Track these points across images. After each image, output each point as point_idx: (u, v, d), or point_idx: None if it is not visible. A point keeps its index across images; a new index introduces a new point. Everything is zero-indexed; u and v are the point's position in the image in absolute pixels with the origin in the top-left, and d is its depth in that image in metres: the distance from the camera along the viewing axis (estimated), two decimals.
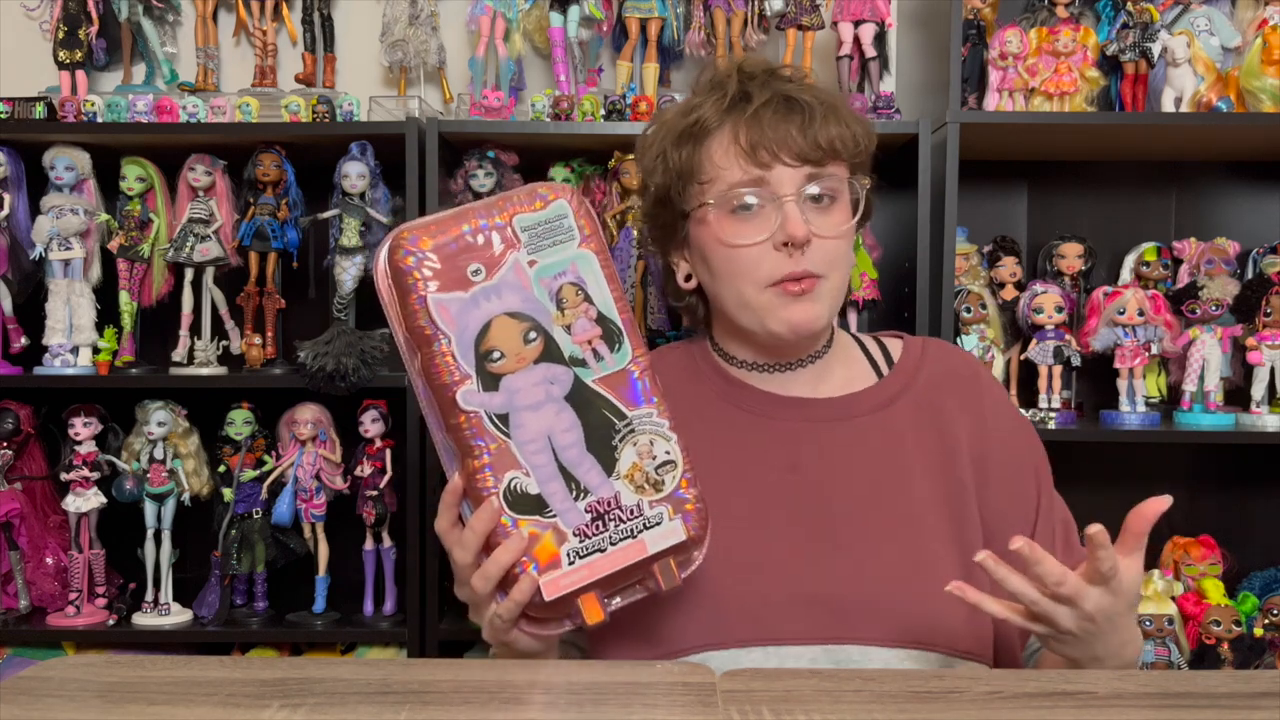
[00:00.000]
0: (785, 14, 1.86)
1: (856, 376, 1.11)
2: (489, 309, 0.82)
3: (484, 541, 0.83)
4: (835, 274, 1.03)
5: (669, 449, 0.86)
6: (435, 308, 0.81)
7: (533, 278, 0.83)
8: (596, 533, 0.83)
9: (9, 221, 1.87)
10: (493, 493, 0.82)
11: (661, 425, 0.86)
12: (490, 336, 0.82)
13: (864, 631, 0.96)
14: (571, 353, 0.84)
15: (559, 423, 0.83)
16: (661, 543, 0.85)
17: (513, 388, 0.83)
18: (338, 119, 1.81)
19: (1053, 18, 1.88)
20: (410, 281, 0.81)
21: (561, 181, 0.90)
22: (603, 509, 0.84)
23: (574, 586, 0.83)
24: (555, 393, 0.83)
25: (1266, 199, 2.08)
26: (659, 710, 0.67)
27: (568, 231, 0.85)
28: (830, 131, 1.01)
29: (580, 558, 0.83)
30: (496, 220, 0.83)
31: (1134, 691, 0.73)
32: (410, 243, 0.82)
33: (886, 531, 1.00)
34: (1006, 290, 1.94)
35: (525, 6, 1.94)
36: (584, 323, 0.84)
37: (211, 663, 0.78)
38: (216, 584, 1.89)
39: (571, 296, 0.84)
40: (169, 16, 2.05)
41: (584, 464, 0.84)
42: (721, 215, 1.02)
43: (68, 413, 1.85)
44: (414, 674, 0.76)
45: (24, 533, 1.90)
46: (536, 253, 0.84)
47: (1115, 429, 1.81)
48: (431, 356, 0.82)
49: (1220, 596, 1.85)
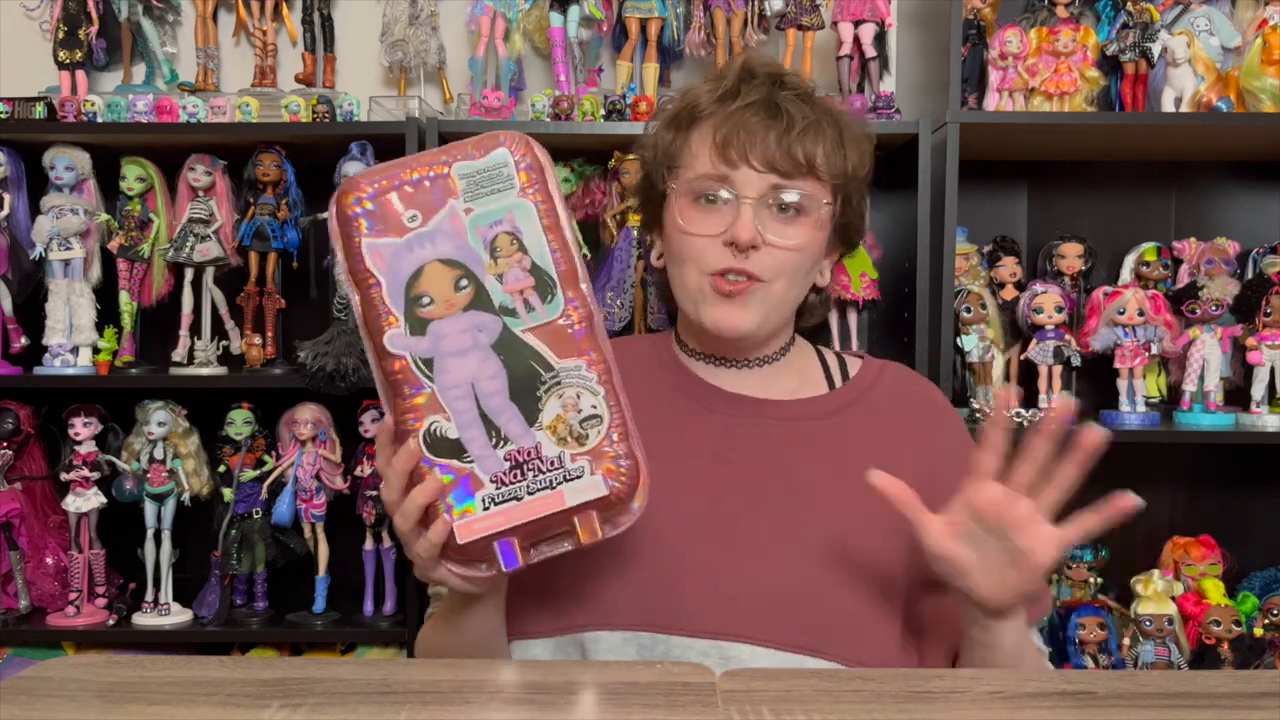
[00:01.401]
0: (785, 14, 1.86)
1: (808, 385, 1.11)
2: (422, 254, 0.84)
3: (407, 480, 0.84)
4: (779, 282, 1.02)
5: (595, 403, 0.85)
6: (369, 252, 0.83)
7: (468, 225, 0.84)
8: (514, 481, 0.84)
9: (9, 221, 1.87)
10: (414, 434, 0.84)
11: (589, 379, 0.85)
12: (421, 282, 0.84)
13: (756, 632, 0.96)
14: (502, 301, 0.84)
15: (483, 370, 0.84)
16: (580, 496, 0.85)
17: (439, 333, 0.84)
18: (338, 119, 1.81)
19: (1053, 18, 1.88)
20: (352, 228, 0.84)
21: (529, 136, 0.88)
22: (522, 458, 0.84)
23: (487, 531, 0.84)
24: (482, 340, 0.84)
25: (1266, 199, 2.08)
26: (659, 710, 0.67)
27: (507, 180, 0.85)
28: (809, 147, 1.01)
29: (496, 504, 0.84)
30: (438, 168, 0.85)
31: (1134, 691, 0.73)
32: (354, 189, 0.84)
33: (801, 536, 1.00)
34: (1006, 290, 1.94)
35: (525, 6, 1.94)
36: (517, 272, 0.84)
37: (211, 663, 0.78)
38: (216, 584, 1.89)
39: (506, 246, 0.85)
40: (169, 16, 2.05)
41: (506, 412, 0.84)
42: (685, 202, 1.03)
43: (68, 413, 1.86)
44: (414, 674, 0.76)
45: (24, 533, 1.90)
46: (473, 200, 0.84)
47: (1115, 429, 1.80)
48: (366, 300, 0.84)
49: (1220, 596, 1.85)
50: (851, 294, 1.82)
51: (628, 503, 0.87)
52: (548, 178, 0.86)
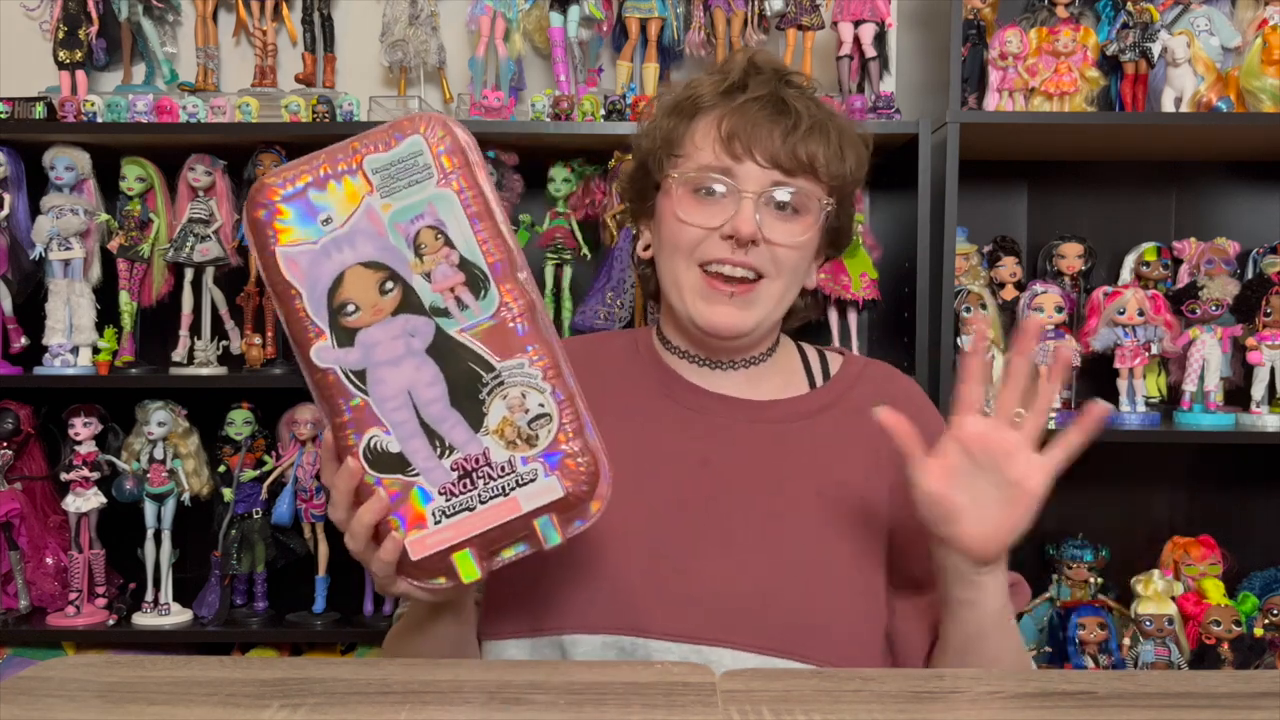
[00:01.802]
0: (785, 14, 1.86)
1: (790, 385, 1.10)
2: (341, 260, 0.78)
3: (351, 499, 0.81)
4: (777, 281, 1.01)
5: (543, 401, 0.79)
6: (284, 262, 0.77)
7: (387, 223, 0.78)
8: (464, 491, 0.79)
9: (9, 221, 1.87)
10: (353, 452, 0.79)
11: (534, 376, 0.79)
12: (343, 289, 0.78)
13: (737, 635, 0.95)
14: (432, 302, 0.78)
15: (420, 377, 0.78)
16: (536, 500, 0.80)
17: (369, 342, 0.78)
18: (338, 119, 1.81)
19: (1053, 18, 1.88)
20: (264, 236, 0.78)
21: (446, 115, 0.81)
22: (470, 466, 0.79)
23: (441, 546, 0.80)
24: (416, 345, 0.78)
25: (1266, 199, 2.08)
26: (659, 710, 0.67)
27: (424, 170, 0.78)
28: (812, 147, 1.00)
29: (447, 516, 0.79)
30: (350, 163, 0.79)
31: (1134, 691, 0.73)
32: (262, 193, 0.78)
33: (778, 538, 0.99)
34: (1006, 290, 1.94)
35: (525, 6, 1.94)
36: (445, 269, 0.78)
37: (211, 663, 0.78)
38: (216, 584, 1.89)
39: (430, 241, 0.78)
40: (169, 16, 2.05)
41: (448, 420, 0.79)
42: (685, 192, 1.02)
43: (68, 413, 1.86)
44: (414, 674, 0.76)
45: (24, 533, 1.90)
46: (390, 195, 0.78)
47: (1115, 429, 1.81)
48: (288, 313, 0.79)
49: (1220, 596, 1.85)
50: (851, 294, 1.82)
51: (587, 501, 0.82)
52: (471, 160, 0.79)
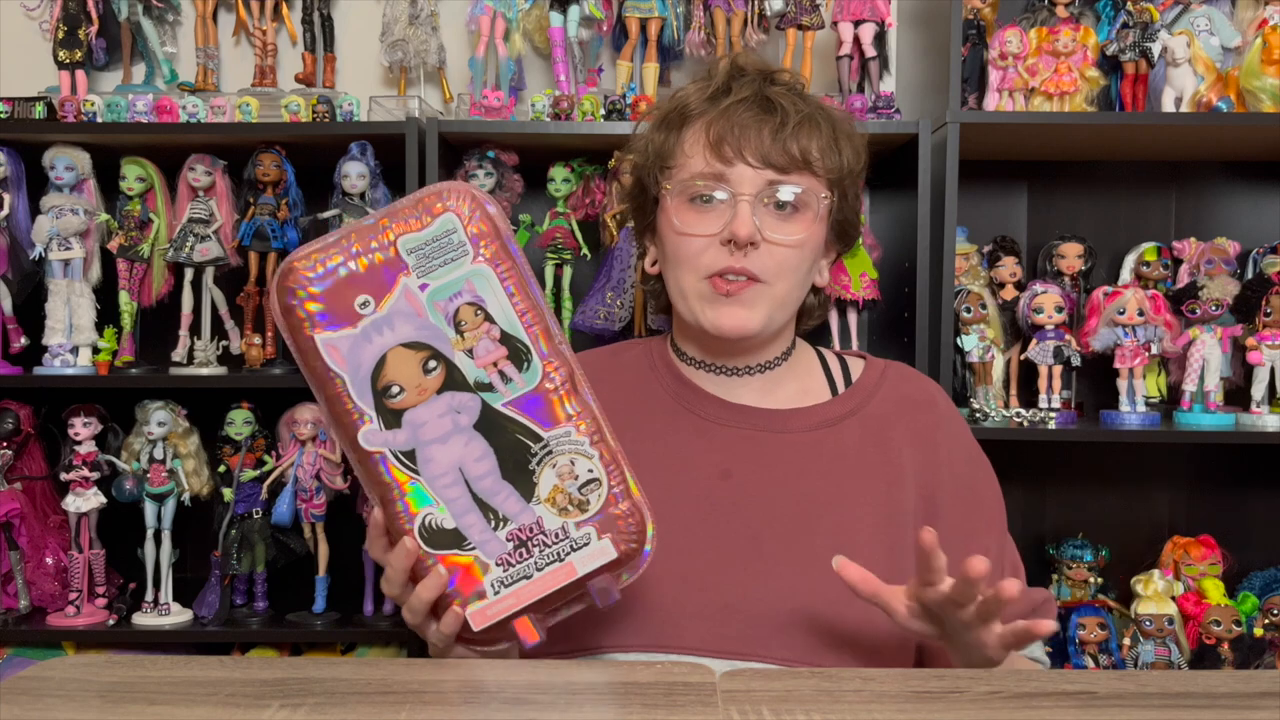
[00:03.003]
0: (785, 14, 1.86)
1: (810, 391, 1.09)
2: (382, 342, 0.78)
3: (407, 577, 0.82)
4: (781, 282, 1.01)
5: (591, 467, 0.82)
6: (325, 348, 0.78)
7: (426, 302, 0.79)
8: (520, 560, 0.81)
9: (9, 221, 1.87)
10: (408, 531, 0.80)
11: (582, 443, 0.81)
12: (386, 371, 0.78)
13: (772, 649, 0.95)
14: (476, 378, 0.80)
15: (469, 453, 0.80)
16: (591, 563, 0.82)
17: (416, 422, 0.79)
18: (338, 119, 1.81)
19: (1053, 18, 1.88)
20: (296, 321, 0.78)
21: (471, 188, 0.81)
22: (525, 535, 0.81)
23: (502, 615, 0.81)
24: (463, 422, 0.80)
25: (1266, 199, 2.08)
26: (659, 710, 0.67)
27: (459, 247, 0.79)
28: (804, 142, 0.99)
29: (506, 586, 0.81)
30: (380, 242, 0.78)
31: (1134, 691, 0.73)
32: (293, 278, 0.78)
33: (810, 549, 0.98)
34: (1006, 290, 1.94)
35: (525, 6, 1.94)
36: (486, 344, 0.80)
37: (211, 663, 0.78)
38: (216, 584, 1.89)
39: (470, 318, 0.79)
40: (169, 16, 2.05)
41: (500, 492, 0.81)
42: (680, 203, 1.01)
43: (68, 413, 1.86)
44: (414, 674, 0.76)
45: (24, 533, 1.90)
46: (427, 275, 0.79)
47: (1115, 429, 1.81)
48: (329, 398, 0.79)
49: (1220, 596, 1.85)
50: (851, 294, 1.82)
51: (638, 556, 0.84)
52: (501, 231, 0.80)
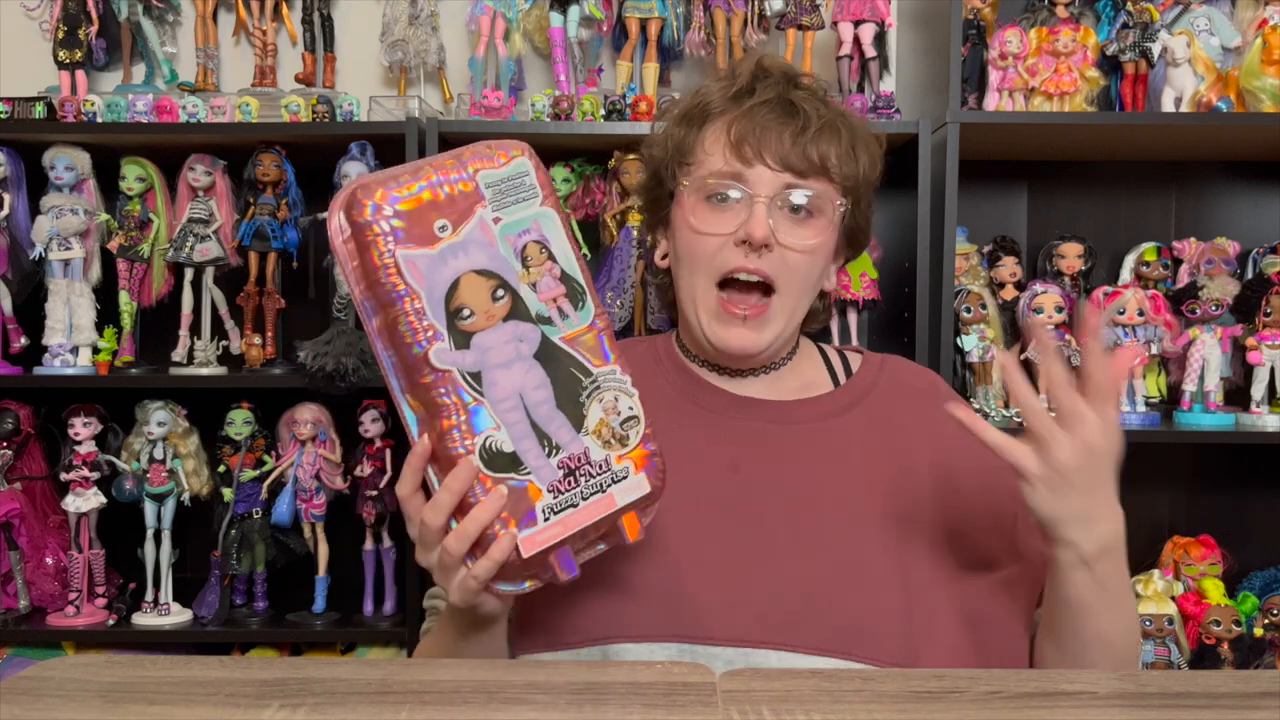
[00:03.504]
0: (785, 14, 1.86)
1: (813, 384, 1.10)
2: (456, 266, 0.81)
3: (459, 501, 0.81)
4: (791, 289, 1.01)
5: (632, 405, 0.86)
6: (405, 264, 0.79)
7: (498, 235, 0.82)
8: (570, 488, 0.83)
9: (9, 221, 1.87)
10: (470, 452, 0.81)
11: (624, 381, 0.86)
12: (460, 294, 0.81)
13: (784, 637, 0.95)
14: (538, 310, 0.83)
15: (529, 380, 0.83)
16: (629, 496, 0.85)
17: (484, 345, 0.81)
18: (338, 119, 1.81)
19: (1053, 18, 1.88)
20: (372, 237, 0.79)
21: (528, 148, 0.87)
22: (574, 464, 0.84)
23: (550, 542, 0.83)
24: (525, 350, 0.83)
25: (1266, 199, 2.08)
26: (659, 710, 0.67)
27: (530, 189, 0.84)
28: (823, 147, 1.00)
29: (554, 514, 0.83)
30: (461, 175, 0.82)
31: (1134, 691, 0.73)
32: (372, 196, 0.79)
33: (819, 539, 0.99)
34: (1006, 290, 1.94)
35: (525, 6, 1.94)
36: (548, 280, 0.84)
37: (211, 663, 0.78)
38: (216, 584, 1.89)
39: (536, 254, 0.84)
40: (169, 16, 2.05)
41: (555, 421, 0.83)
42: (697, 200, 1.02)
43: (67, 413, 1.86)
44: (414, 674, 0.76)
45: (24, 533, 1.90)
46: (501, 209, 0.83)
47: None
48: (398, 316, 0.80)
49: (1220, 596, 1.85)
50: (851, 294, 1.82)
51: (659, 497, 0.88)
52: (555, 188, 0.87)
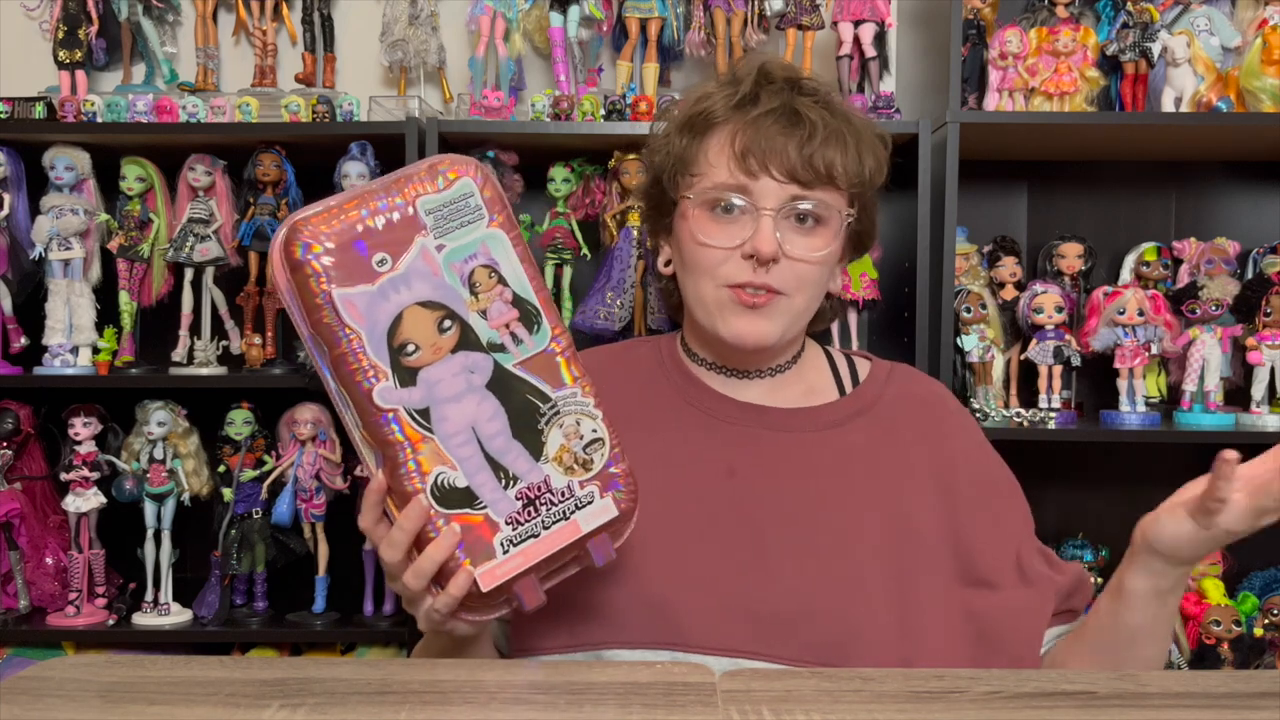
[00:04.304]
0: (785, 14, 1.86)
1: (817, 391, 1.09)
2: (399, 300, 0.78)
3: (414, 539, 0.81)
4: (800, 295, 1.01)
5: (595, 427, 0.84)
6: (342, 303, 0.77)
7: (442, 263, 0.79)
8: (529, 519, 0.82)
9: (9, 221, 1.87)
10: (420, 491, 0.80)
11: (586, 404, 0.84)
12: (403, 329, 0.78)
13: (777, 647, 0.94)
14: (489, 338, 0.81)
15: (482, 412, 0.81)
16: (594, 521, 0.84)
17: (431, 380, 0.79)
18: (338, 119, 1.81)
19: (1053, 18, 1.88)
20: (309, 275, 0.76)
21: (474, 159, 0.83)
22: (533, 494, 0.82)
23: (510, 575, 0.81)
24: (476, 381, 0.80)
25: (1266, 199, 2.08)
26: (659, 710, 0.67)
27: (475, 211, 0.81)
28: (829, 155, 0.99)
29: (514, 545, 0.81)
30: (398, 202, 0.79)
31: (1134, 691, 0.73)
32: (307, 233, 0.77)
33: (815, 548, 0.98)
34: (1006, 290, 1.94)
35: (525, 6, 1.94)
36: (500, 306, 0.81)
37: (211, 663, 0.78)
38: (216, 584, 1.89)
39: (484, 280, 0.81)
40: (169, 16, 2.05)
41: (511, 451, 0.81)
42: (701, 212, 1.00)
43: (67, 413, 1.86)
44: (414, 674, 0.76)
45: (24, 533, 1.90)
46: (444, 236, 0.79)
47: (1115, 429, 1.81)
48: (341, 355, 0.78)
49: (1220, 596, 1.85)
50: (851, 294, 1.82)
51: (632, 517, 0.86)
52: (507, 204, 0.83)
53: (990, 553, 1.02)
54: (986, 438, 1.12)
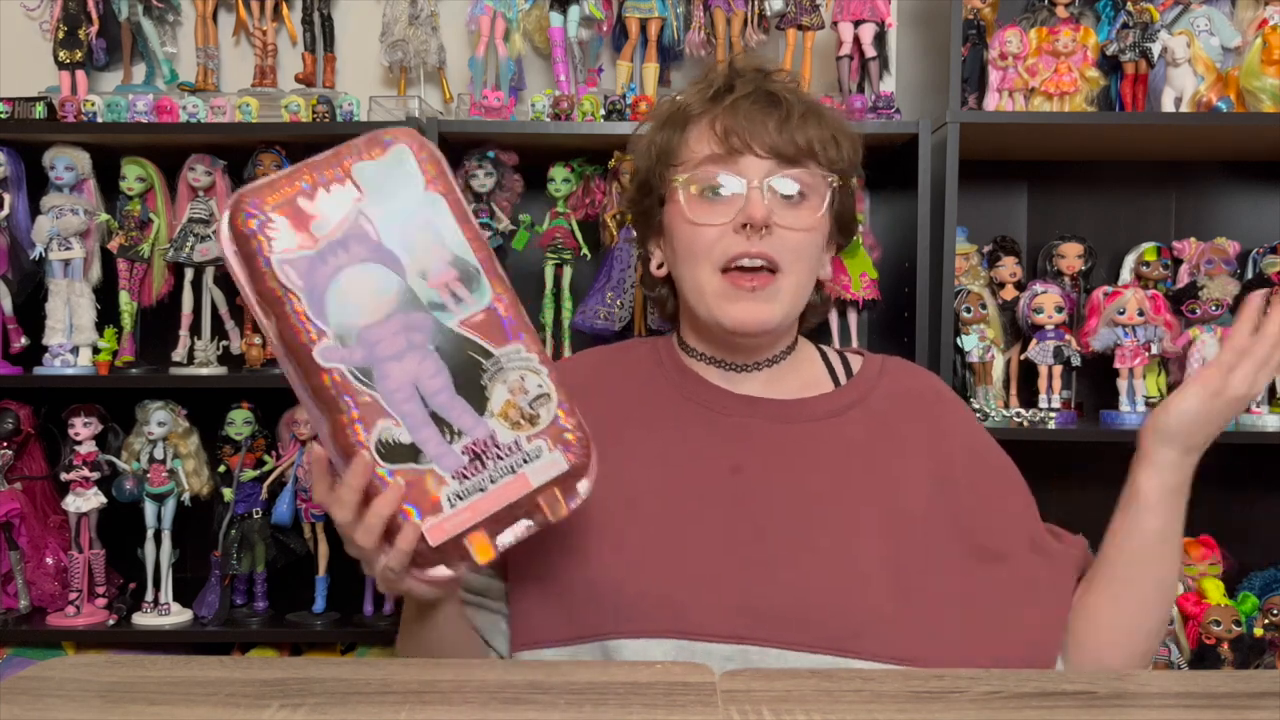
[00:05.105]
0: (785, 14, 1.86)
1: (812, 383, 1.11)
2: (337, 263, 0.81)
3: (362, 496, 0.82)
4: (794, 270, 1.02)
5: (540, 382, 0.84)
6: (281, 268, 0.79)
7: (379, 226, 0.82)
8: (476, 473, 0.82)
9: (9, 221, 1.87)
10: (364, 446, 0.81)
11: (531, 359, 0.84)
12: (342, 291, 0.81)
13: (783, 634, 0.95)
14: (429, 298, 0.82)
15: (424, 369, 0.82)
16: (543, 475, 0.84)
17: (372, 340, 0.81)
18: (338, 119, 1.81)
19: (1053, 18, 1.88)
20: (255, 245, 0.79)
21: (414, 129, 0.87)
22: (479, 449, 0.83)
23: (459, 529, 0.82)
24: (417, 340, 0.82)
25: (1266, 199, 2.08)
26: (659, 710, 0.67)
27: (411, 176, 0.83)
28: (809, 132, 1.02)
29: (461, 499, 0.82)
30: (336, 172, 0.82)
31: (1134, 691, 0.73)
32: (251, 205, 0.80)
33: (818, 537, 1.00)
34: (1006, 290, 1.94)
35: (525, 6, 1.94)
36: (438, 266, 0.83)
37: (211, 663, 0.78)
38: (216, 584, 1.89)
39: (422, 241, 0.83)
40: (169, 16, 2.05)
41: (455, 407, 0.82)
42: (690, 195, 1.03)
43: (68, 413, 1.86)
44: (414, 674, 0.76)
45: (24, 533, 1.90)
46: (381, 201, 0.82)
47: (1115, 429, 1.81)
48: (285, 318, 0.80)
49: (1220, 596, 1.85)
50: (851, 294, 1.82)
51: (585, 471, 0.86)
52: (447, 173, 0.84)
53: (996, 525, 1.04)
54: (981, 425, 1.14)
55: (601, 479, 0.92)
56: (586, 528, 1.00)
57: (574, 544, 1.00)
